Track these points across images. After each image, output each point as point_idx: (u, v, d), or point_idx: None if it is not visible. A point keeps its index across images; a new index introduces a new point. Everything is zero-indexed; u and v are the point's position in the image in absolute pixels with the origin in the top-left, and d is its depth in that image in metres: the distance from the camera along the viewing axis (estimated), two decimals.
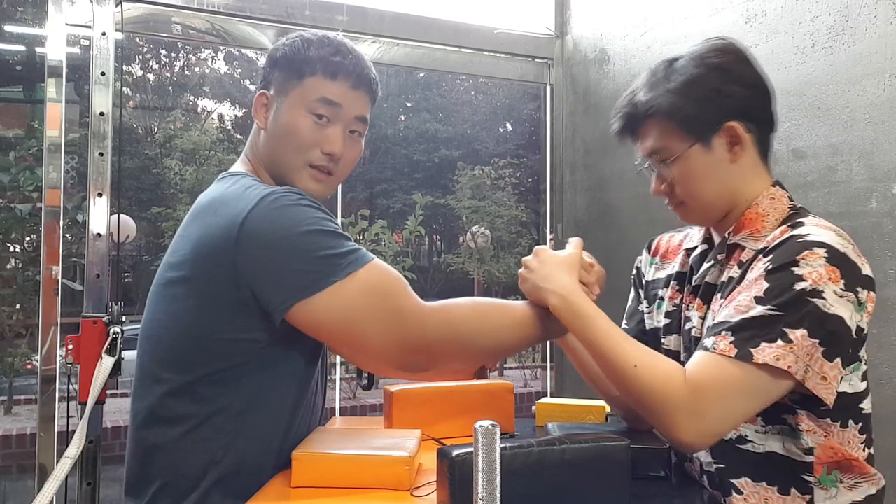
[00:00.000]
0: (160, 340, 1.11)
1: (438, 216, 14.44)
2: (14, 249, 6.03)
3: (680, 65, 1.12)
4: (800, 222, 1.06)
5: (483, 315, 1.12)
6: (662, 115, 1.11)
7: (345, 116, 1.19)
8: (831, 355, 0.98)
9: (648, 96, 1.12)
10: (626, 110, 1.16)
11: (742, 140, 1.11)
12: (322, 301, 1.02)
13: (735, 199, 1.13)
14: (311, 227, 1.04)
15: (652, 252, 1.35)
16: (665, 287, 1.28)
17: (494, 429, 0.64)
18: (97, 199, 1.85)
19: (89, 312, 1.78)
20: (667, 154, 1.12)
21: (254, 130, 1.25)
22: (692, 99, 1.09)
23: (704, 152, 1.11)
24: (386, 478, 1.02)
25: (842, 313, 0.98)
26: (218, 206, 1.09)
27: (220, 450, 1.07)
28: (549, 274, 1.12)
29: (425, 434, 1.27)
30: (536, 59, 2.74)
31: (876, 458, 1.11)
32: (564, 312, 1.09)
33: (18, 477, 4.97)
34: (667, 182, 1.14)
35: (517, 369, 9.22)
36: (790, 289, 0.98)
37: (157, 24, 2.10)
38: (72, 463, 1.42)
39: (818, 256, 0.99)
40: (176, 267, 1.10)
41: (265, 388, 1.09)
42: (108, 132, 1.87)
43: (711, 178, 1.12)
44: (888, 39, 1.62)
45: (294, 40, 1.21)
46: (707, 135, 1.10)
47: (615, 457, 0.95)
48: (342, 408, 6.07)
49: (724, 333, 0.99)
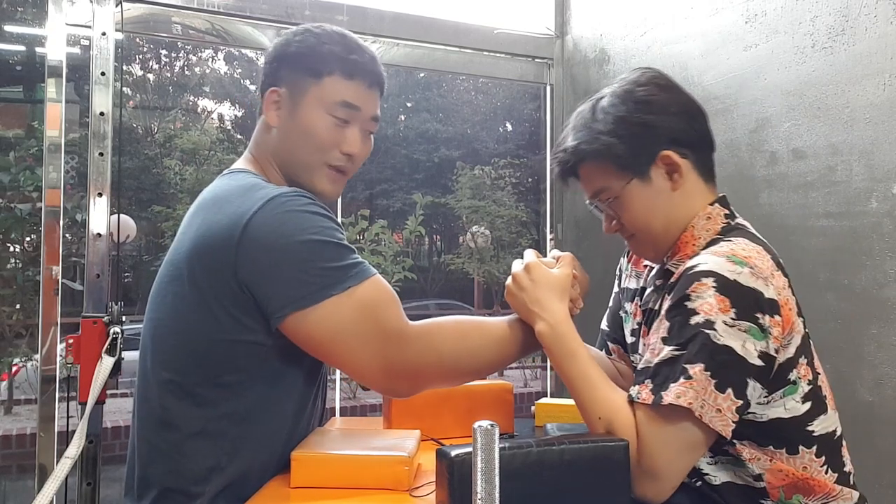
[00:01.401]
0: (163, 340, 1.09)
1: (438, 216, 14.44)
2: (14, 249, 6.03)
3: (604, 104, 1.13)
4: (708, 248, 1.07)
5: (464, 335, 1.11)
6: (596, 158, 1.12)
7: (362, 118, 1.19)
8: (723, 387, 0.97)
9: (578, 141, 1.13)
10: (560, 157, 1.17)
11: (678, 167, 1.11)
12: (315, 315, 1.01)
13: (683, 226, 1.13)
14: (315, 236, 1.03)
15: (629, 259, 1.36)
16: (631, 301, 1.29)
17: (493, 429, 0.64)
18: (97, 199, 1.85)
19: (89, 312, 1.78)
20: (609, 194, 1.13)
21: (260, 128, 1.22)
22: (621, 137, 1.10)
23: (644, 186, 1.11)
24: (385, 478, 1.02)
25: (732, 343, 0.97)
26: (222, 203, 1.07)
27: (226, 456, 1.06)
28: (541, 298, 1.11)
29: (424, 434, 1.27)
30: (536, 59, 2.74)
31: (875, 458, 1.10)
32: (550, 341, 1.09)
33: (18, 477, 4.97)
34: (615, 220, 1.15)
35: (517, 370, 9.22)
36: (686, 324, 0.99)
37: (157, 24, 2.10)
38: (72, 463, 1.42)
39: (707, 287, 0.99)
40: (177, 264, 1.08)
41: (270, 395, 1.08)
42: (108, 132, 1.86)
43: (656, 209, 1.12)
44: (888, 39, 1.62)
45: (304, 36, 1.19)
46: (643, 168, 1.11)
47: (614, 457, 0.95)
48: (342, 408, 6.07)
49: (645, 382, 1.00)
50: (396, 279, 7.07)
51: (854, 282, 1.65)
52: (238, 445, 1.06)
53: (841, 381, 1.57)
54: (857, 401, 1.60)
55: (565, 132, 1.18)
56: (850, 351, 1.64)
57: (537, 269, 1.13)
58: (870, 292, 1.62)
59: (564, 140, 1.16)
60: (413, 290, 11.81)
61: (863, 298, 1.63)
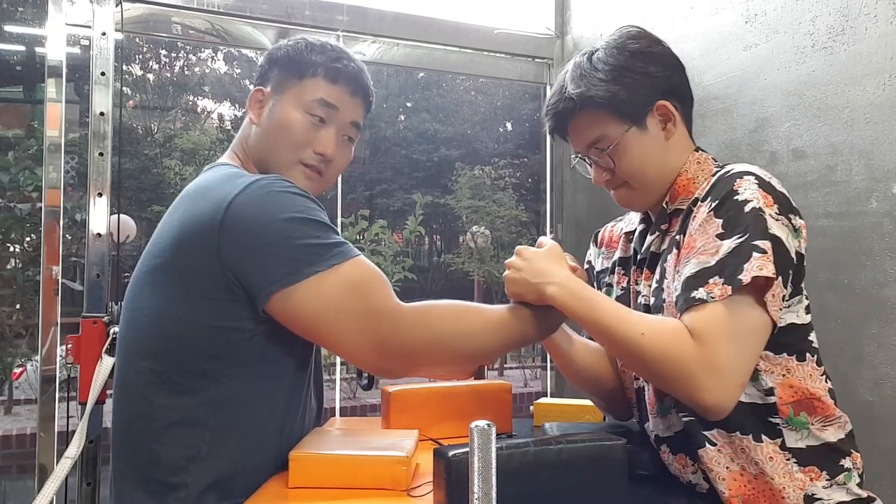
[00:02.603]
0: (142, 329, 1.09)
1: (438, 216, 14.42)
2: (14, 249, 6.03)
3: (602, 55, 1.17)
4: (723, 168, 1.11)
5: (459, 318, 1.09)
6: (597, 104, 1.14)
7: (340, 120, 1.20)
8: (776, 272, 0.99)
9: (581, 88, 1.15)
10: (560, 106, 1.19)
11: (673, 117, 1.16)
12: (302, 291, 1.01)
13: (672, 175, 1.17)
14: (298, 214, 1.03)
15: (598, 243, 1.39)
16: (612, 274, 1.30)
17: (490, 428, 0.64)
18: (97, 199, 1.85)
19: (89, 312, 1.78)
20: (606, 142, 1.16)
21: (244, 125, 1.25)
22: (623, 84, 1.13)
23: (641, 134, 1.15)
24: (383, 478, 1.02)
25: (779, 233, 1.00)
26: (204, 192, 1.08)
27: (205, 445, 1.05)
28: (541, 268, 1.12)
29: (423, 434, 1.27)
30: (536, 59, 2.74)
31: (876, 457, 1.11)
32: (566, 298, 1.08)
33: (18, 477, 4.96)
34: (607, 170, 1.18)
35: (517, 369, 9.21)
36: (742, 212, 1.01)
37: (157, 24, 2.10)
38: (72, 463, 1.42)
39: (750, 182, 1.04)
40: (157, 254, 1.08)
41: (253, 383, 1.07)
42: (108, 132, 1.87)
43: (650, 157, 1.16)
44: (888, 39, 1.62)
45: (297, 42, 1.22)
46: (641, 116, 1.15)
47: (612, 456, 0.95)
48: (342, 408, 6.07)
49: (712, 281, 0.99)
50: (396, 279, 7.07)
51: (854, 282, 1.65)
52: (218, 434, 1.05)
53: (841, 381, 1.57)
54: (858, 401, 1.60)
55: (559, 85, 1.20)
56: (850, 351, 1.64)
57: (527, 250, 1.17)
58: (870, 292, 1.62)
59: (562, 90, 1.19)
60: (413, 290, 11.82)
61: (863, 298, 1.63)
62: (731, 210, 1.02)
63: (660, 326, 1.01)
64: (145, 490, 1.06)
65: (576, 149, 1.22)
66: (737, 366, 0.97)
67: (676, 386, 0.99)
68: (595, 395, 1.34)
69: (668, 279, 1.11)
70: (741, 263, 0.98)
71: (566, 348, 1.28)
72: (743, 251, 0.99)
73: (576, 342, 1.30)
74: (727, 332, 0.97)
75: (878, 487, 1.56)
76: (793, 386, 1.05)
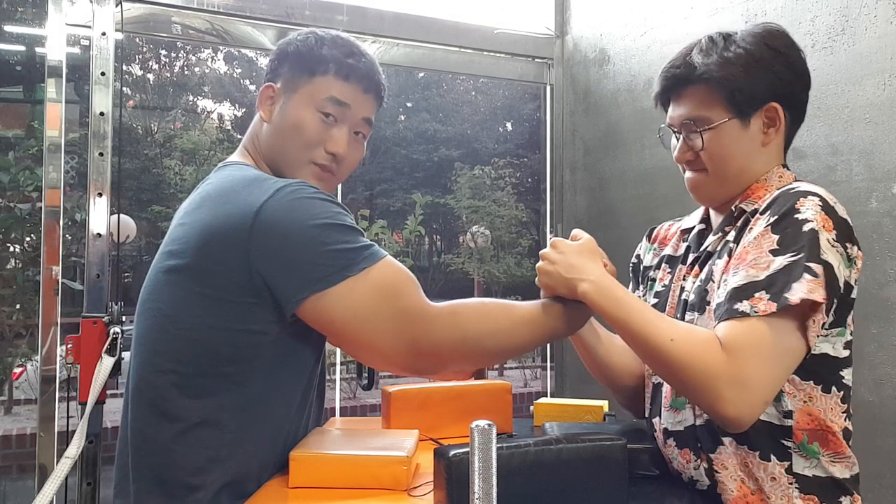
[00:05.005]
0: (163, 330, 1.08)
1: (438, 216, 14.44)
2: (14, 249, 6.02)
3: (738, 38, 1.14)
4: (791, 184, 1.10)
5: (489, 316, 1.10)
6: (712, 83, 1.12)
7: (352, 117, 1.19)
8: (825, 298, 0.98)
9: (704, 60, 1.12)
10: (678, 71, 1.16)
11: (778, 123, 1.13)
12: (334, 296, 1.02)
13: (751, 180, 1.15)
14: (328, 220, 1.04)
15: (651, 239, 1.37)
16: (657, 269, 1.30)
17: (490, 428, 0.64)
18: (97, 199, 1.85)
19: (89, 312, 1.78)
20: (705, 123, 1.13)
21: (255, 122, 1.24)
22: (746, 72, 1.11)
23: (741, 128, 1.12)
24: (383, 478, 1.02)
25: (832, 260, 0.99)
26: (228, 194, 1.07)
27: (225, 447, 1.05)
28: (575, 263, 1.12)
29: (423, 434, 1.27)
30: (536, 59, 2.74)
31: (876, 458, 1.11)
32: (597, 297, 1.08)
33: (18, 477, 4.96)
34: (693, 150, 1.15)
35: (517, 369, 9.21)
36: (801, 231, 1.00)
37: (157, 24, 2.10)
38: (72, 463, 1.42)
39: (814, 203, 1.02)
40: (179, 255, 1.07)
41: (272, 387, 1.08)
42: (108, 132, 1.87)
43: (740, 154, 1.13)
44: (888, 39, 1.62)
45: (307, 36, 1.20)
46: (748, 111, 1.12)
47: (612, 456, 0.95)
48: (342, 408, 6.07)
49: (758, 295, 0.98)
50: None
51: None
52: (239, 437, 1.06)
53: None
54: (858, 401, 1.59)
55: (684, 51, 1.16)
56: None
57: (562, 243, 1.15)
58: (870, 292, 1.62)
59: (685, 57, 1.15)
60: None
61: (863, 298, 1.62)
62: (788, 228, 1.00)
63: (691, 335, 1.01)
64: (162, 490, 1.06)
65: (672, 120, 1.19)
66: (764, 383, 0.97)
67: (699, 395, 0.99)
68: (616, 390, 1.35)
69: (713, 282, 1.11)
70: (790, 282, 0.97)
71: (593, 343, 1.29)
72: (794, 270, 0.97)
73: (602, 337, 1.30)
74: (760, 349, 0.96)
75: (878, 487, 1.56)
76: (811, 414, 1.05)
